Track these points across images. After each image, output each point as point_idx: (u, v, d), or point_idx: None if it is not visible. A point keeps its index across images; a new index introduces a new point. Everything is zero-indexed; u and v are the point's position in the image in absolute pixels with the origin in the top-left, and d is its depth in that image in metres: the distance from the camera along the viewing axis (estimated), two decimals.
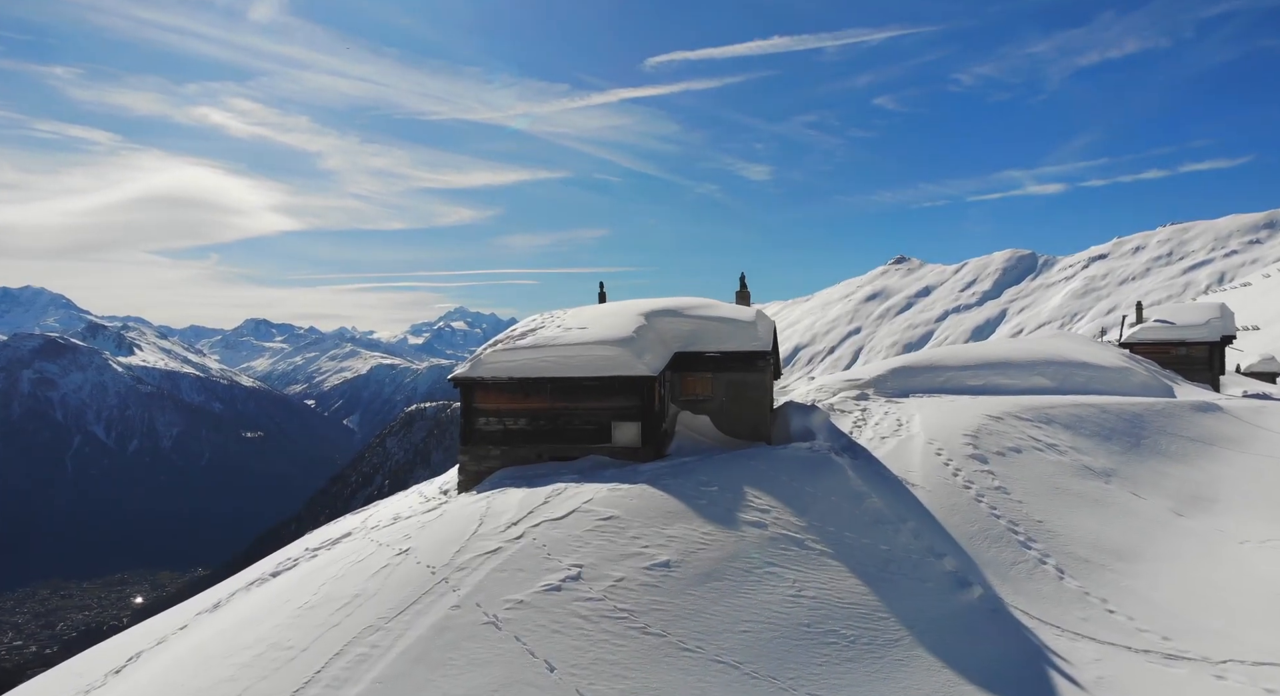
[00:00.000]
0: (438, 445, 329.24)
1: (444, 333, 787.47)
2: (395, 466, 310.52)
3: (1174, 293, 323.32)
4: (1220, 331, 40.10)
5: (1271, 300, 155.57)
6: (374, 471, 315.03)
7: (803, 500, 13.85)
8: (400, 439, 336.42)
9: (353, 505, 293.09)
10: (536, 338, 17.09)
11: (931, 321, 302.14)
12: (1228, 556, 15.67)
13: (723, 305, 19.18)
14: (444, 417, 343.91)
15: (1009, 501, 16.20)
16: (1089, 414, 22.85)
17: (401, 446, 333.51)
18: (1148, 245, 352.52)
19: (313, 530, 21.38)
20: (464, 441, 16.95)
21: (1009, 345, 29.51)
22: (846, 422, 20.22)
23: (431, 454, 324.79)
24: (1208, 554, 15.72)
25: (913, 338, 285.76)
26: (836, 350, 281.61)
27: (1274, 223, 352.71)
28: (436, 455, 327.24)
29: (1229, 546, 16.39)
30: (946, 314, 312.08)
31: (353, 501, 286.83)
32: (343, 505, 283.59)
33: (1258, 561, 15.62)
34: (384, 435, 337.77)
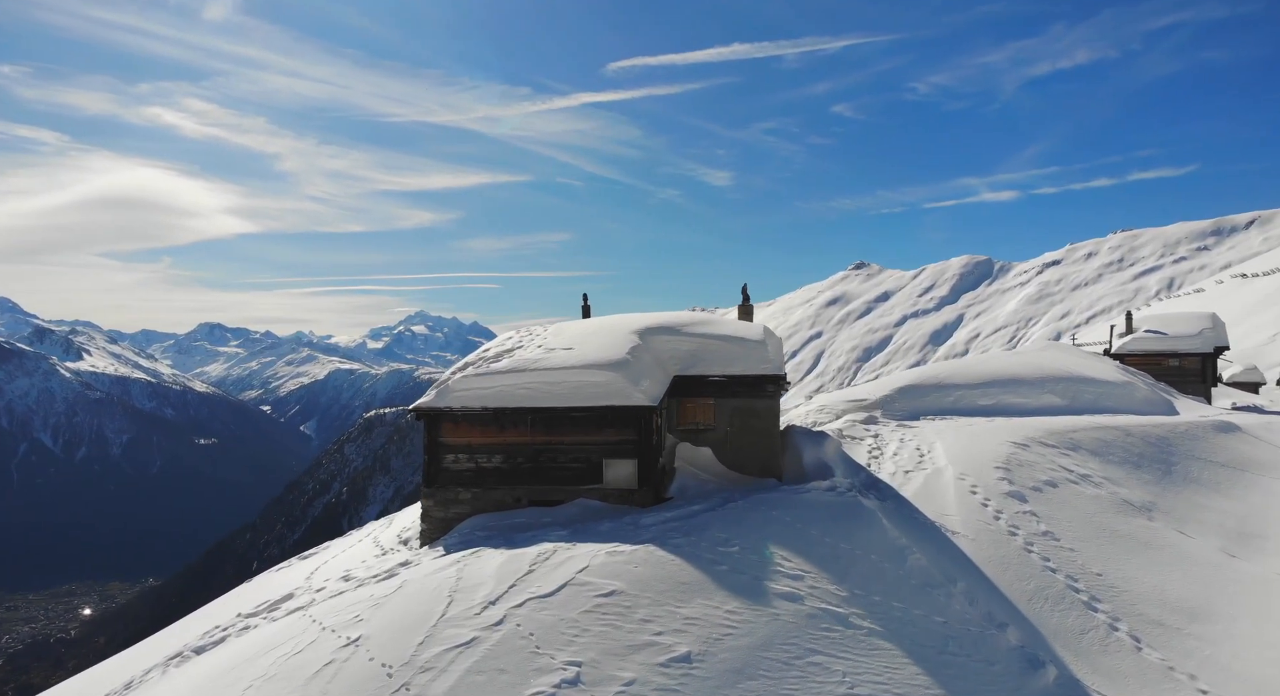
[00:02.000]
0: (397, 451, 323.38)
1: (404, 337, 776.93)
2: (354, 473, 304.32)
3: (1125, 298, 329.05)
4: (1213, 342, 38.84)
5: (1226, 306, 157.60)
6: (332, 478, 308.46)
7: (839, 560, 11.61)
8: (359, 445, 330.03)
9: (310, 513, 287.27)
10: (515, 360, 14.65)
11: (890, 326, 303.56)
12: None
13: (725, 321, 16.90)
14: (404, 424, 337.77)
15: (1060, 549, 14.15)
16: (1114, 438, 20.99)
17: (360, 453, 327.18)
18: (1099, 251, 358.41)
19: (254, 576, 18.72)
20: (428, 483, 14.46)
21: (1014, 361, 27.66)
22: (861, 452, 18.07)
23: (391, 460, 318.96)
24: (1270, 606, 13.83)
25: (872, 342, 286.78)
26: (798, 354, 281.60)
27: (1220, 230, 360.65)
28: (396, 462, 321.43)
29: None
30: (905, 318, 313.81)
31: (310, 509, 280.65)
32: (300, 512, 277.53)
33: None
34: (342, 441, 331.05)
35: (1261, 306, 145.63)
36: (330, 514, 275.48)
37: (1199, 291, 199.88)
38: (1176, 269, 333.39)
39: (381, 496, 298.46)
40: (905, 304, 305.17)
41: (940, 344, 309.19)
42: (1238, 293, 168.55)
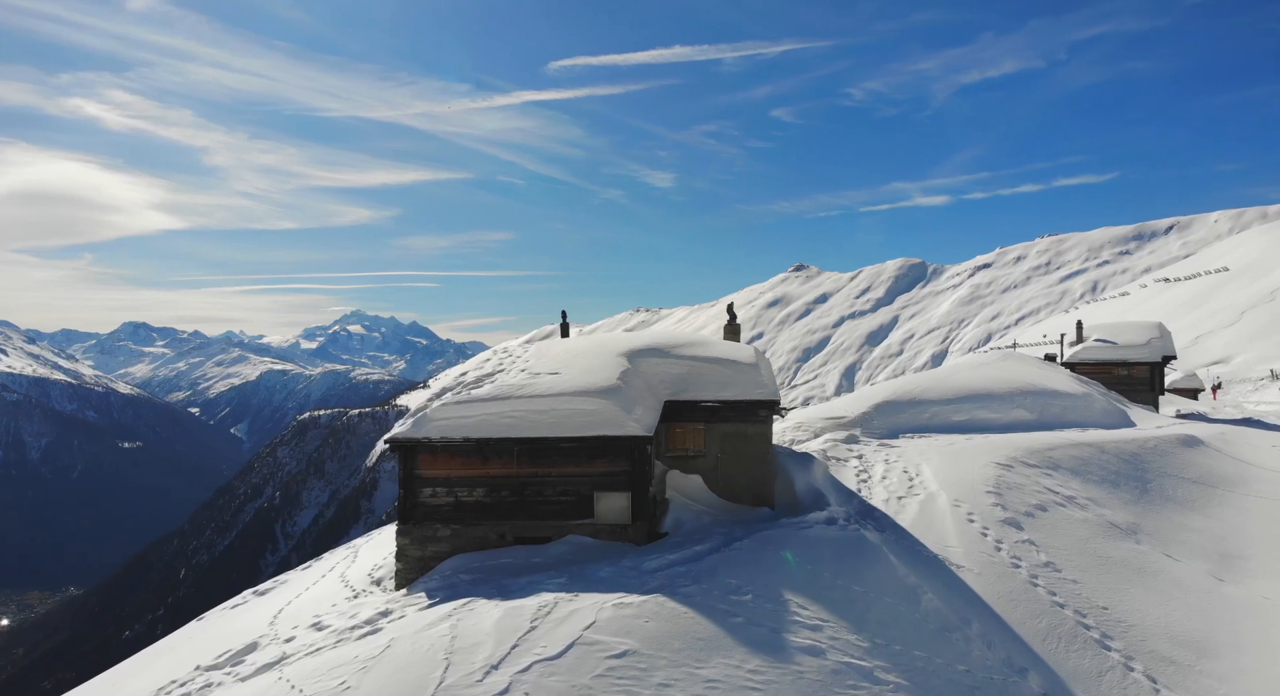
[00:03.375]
0: (332, 455, 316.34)
1: (339, 336, 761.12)
2: (287, 477, 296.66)
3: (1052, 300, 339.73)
4: (1160, 352, 39.60)
5: (1149, 310, 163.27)
6: (264, 483, 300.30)
7: (855, 605, 10.99)
8: (293, 448, 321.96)
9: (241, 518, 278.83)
10: (498, 386, 13.72)
11: (829, 327, 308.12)
12: None
13: (714, 342, 16.19)
14: (339, 425, 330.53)
15: (1063, 581, 13.80)
16: (1090, 455, 20.91)
17: (294, 456, 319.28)
18: (1028, 255, 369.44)
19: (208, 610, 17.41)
20: (404, 519, 13.45)
21: (982, 374, 27.59)
22: (848, 475, 17.56)
23: (325, 463, 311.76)
24: (1273, 636, 13.69)
25: (811, 342, 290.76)
26: None
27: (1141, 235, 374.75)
28: (331, 465, 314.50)
29: None
30: (843, 319, 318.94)
31: (241, 514, 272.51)
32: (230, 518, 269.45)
33: None
34: (275, 444, 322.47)
35: (1183, 310, 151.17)
36: (262, 519, 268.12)
37: (1124, 295, 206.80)
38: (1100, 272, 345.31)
39: (316, 500, 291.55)
40: (843, 305, 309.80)
41: (876, 344, 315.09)
42: (1160, 296, 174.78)
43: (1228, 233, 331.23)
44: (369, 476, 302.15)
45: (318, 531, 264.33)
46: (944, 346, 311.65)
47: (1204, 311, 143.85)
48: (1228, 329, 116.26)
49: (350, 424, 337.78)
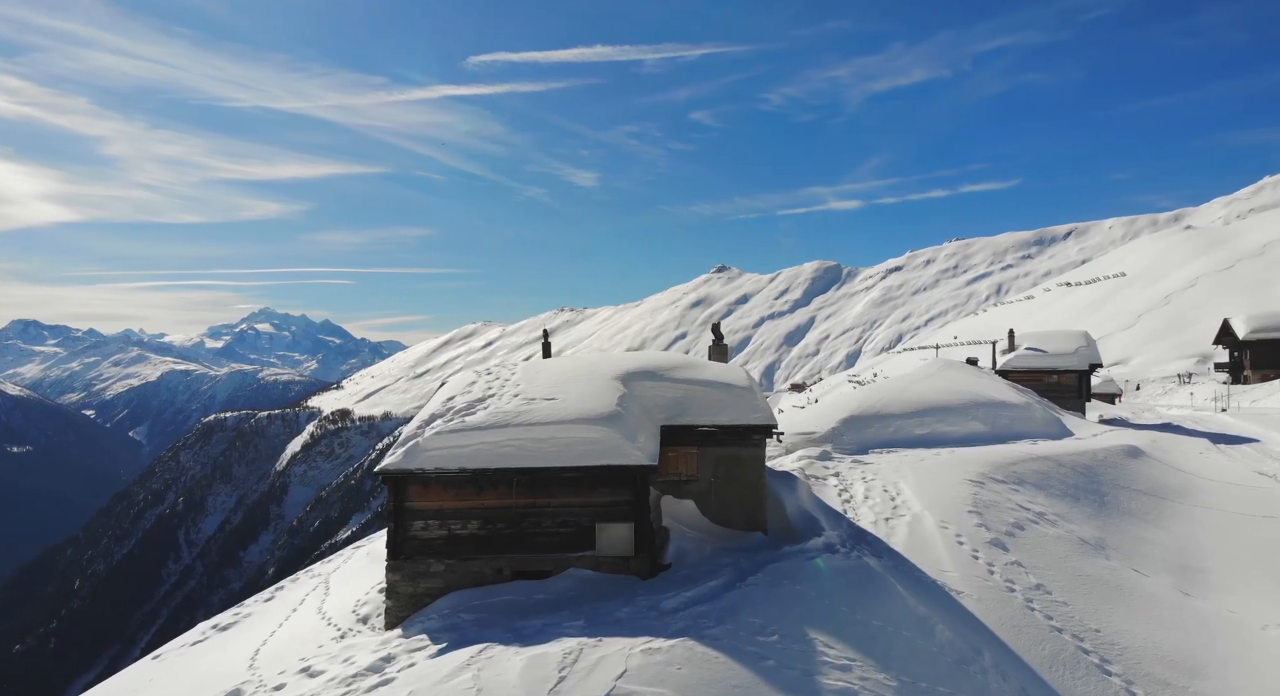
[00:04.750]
0: (240, 458, 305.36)
1: (246, 335, 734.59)
2: (191, 482, 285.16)
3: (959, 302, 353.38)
4: (1087, 360, 41.20)
5: (1052, 313, 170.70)
6: (166, 488, 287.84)
7: (876, 642, 10.85)
8: (197, 452, 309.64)
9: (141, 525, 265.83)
10: (492, 413, 13.14)
11: (750, 327, 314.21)
12: (1275, 654, 14.17)
13: (707, 364, 15.91)
14: (247, 428, 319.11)
15: (1055, 604, 14.00)
16: (1049, 469, 21.46)
17: (198, 460, 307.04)
18: (937, 259, 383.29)
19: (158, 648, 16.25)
20: (394, 554, 12.75)
21: (934, 386, 28.12)
22: (831, 494, 17.54)
23: (233, 467, 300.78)
24: (1254, 652, 14.18)
25: (733, 343, 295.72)
26: None
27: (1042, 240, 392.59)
28: (239, 469, 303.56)
29: (1258, 636, 14.98)
30: (763, 320, 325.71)
31: (141, 521, 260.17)
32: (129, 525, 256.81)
33: None
34: (178, 448, 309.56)
35: (1084, 313, 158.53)
36: (164, 526, 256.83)
37: (1028, 298, 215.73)
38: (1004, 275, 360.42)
39: (223, 506, 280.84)
40: (763, 306, 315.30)
41: (794, 344, 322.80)
42: (1063, 300, 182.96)
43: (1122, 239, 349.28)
44: (279, 480, 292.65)
45: (224, 538, 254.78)
46: (858, 347, 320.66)
47: (1103, 314, 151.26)
48: (1126, 331, 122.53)
49: (259, 426, 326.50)
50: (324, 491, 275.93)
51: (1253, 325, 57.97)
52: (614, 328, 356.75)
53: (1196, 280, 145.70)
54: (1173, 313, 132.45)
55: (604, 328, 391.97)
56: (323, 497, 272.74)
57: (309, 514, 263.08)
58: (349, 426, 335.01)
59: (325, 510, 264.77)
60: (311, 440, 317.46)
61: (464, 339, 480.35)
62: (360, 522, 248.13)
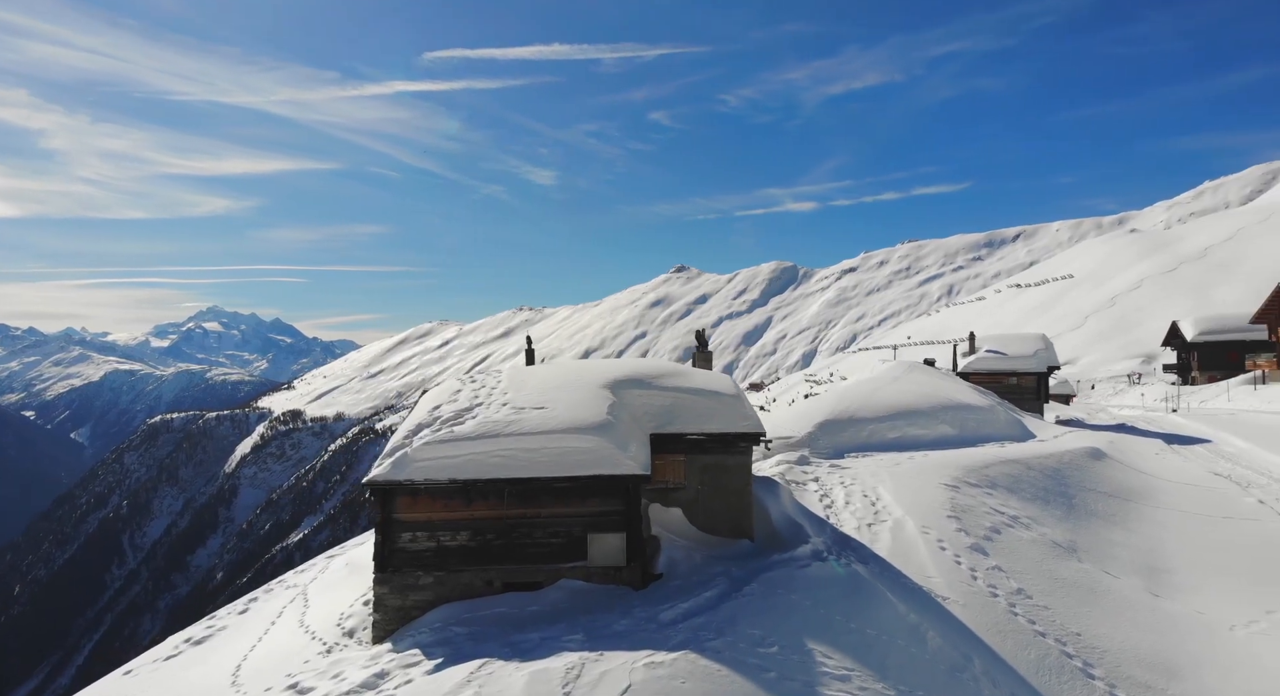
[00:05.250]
0: (187, 460, 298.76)
1: (194, 334, 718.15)
2: (136, 485, 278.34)
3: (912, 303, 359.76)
4: (1046, 362, 42.11)
5: (1003, 314, 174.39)
6: (109, 491, 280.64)
7: (872, 650, 10.93)
8: (142, 454, 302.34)
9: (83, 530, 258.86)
10: (481, 423, 12.97)
11: (709, 327, 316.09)
12: (1243, 654, 14.58)
13: (694, 372, 15.90)
14: (194, 429, 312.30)
15: (1037, 608, 14.25)
16: (1018, 472, 21.88)
17: (143, 462, 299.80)
18: (890, 260, 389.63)
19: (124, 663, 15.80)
20: (381, 567, 12.52)
21: (902, 390, 28.50)
22: (812, 499, 17.66)
23: (179, 470, 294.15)
24: (1225, 653, 14.58)
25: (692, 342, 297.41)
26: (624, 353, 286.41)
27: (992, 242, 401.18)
28: (185, 471, 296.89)
29: (1226, 637, 15.41)
30: (722, 320, 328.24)
31: (83, 525, 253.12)
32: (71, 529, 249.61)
33: (1264, 653, 14.66)
34: (121, 450, 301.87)
35: (1034, 315, 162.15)
36: (107, 530, 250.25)
37: (979, 300, 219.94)
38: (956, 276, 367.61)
39: (169, 509, 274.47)
40: (721, 306, 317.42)
41: (752, 344, 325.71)
42: (1013, 301, 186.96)
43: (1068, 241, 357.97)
44: (228, 483, 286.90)
45: (170, 542, 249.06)
46: (814, 346, 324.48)
47: (1052, 316, 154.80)
48: (1074, 332, 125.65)
49: (207, 427, 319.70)
50: (275, 494, 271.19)
51: (1200, 328, 59.77)
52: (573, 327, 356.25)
53: (1141, 282, 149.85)
54: (1118, 314, 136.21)
55: (563, 327, 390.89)
56: (274, 500, 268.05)
57: (259, 517, 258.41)
58: (301, 427, 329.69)
59: (276, 513, 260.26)
60: (262, 441, 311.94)
61: (420, 338, 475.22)
62: (312, 525, 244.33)
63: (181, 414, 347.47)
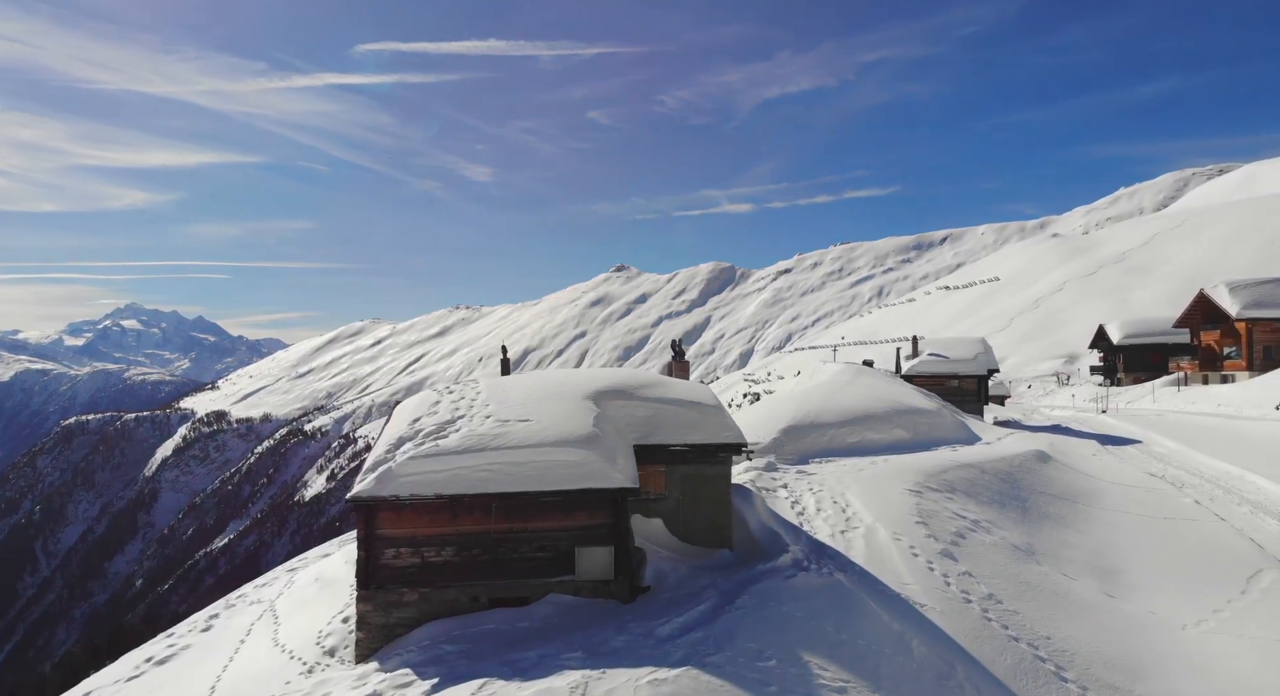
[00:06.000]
0: (104, 464, 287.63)
1: (111, 333, 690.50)
2: (49, 489, 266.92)
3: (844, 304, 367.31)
4: (986, 365, 43.35)
5: (933, 315, 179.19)
6: (21, 496, 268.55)
7: (864, 661, 11.09)
8: (55, 457, 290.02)
9: None
10: (466, 436, 12.76)
11: (648, 326, 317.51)
12: (1199, 654, 15.22)
13: (673, 382, 15.90)
14: (111, 431, 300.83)
15: (1007, 613, 14.64)
16: (974, 477, 22.48)
17: (57, 466, 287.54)
18: (823, 261, 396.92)
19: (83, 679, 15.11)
20: (364, 583, 12.23)
21: (857, 394, 29.03)
22: (784, 506, 17.85)
23: (96, 473, 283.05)
24: (1181, 653, 15.19)
25: (632, 341, 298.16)
26: (564, 353, 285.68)
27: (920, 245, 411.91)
28: (102, 475, 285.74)
29: (1180, 636, 16.06)
30: (661, 319, 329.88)
31: None
32: None
33: (1217, 652, 15.34)
34: (34, 453, 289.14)
35: (962, 316, 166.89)
36: (19, 537, 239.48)
37: (910, 301, 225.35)
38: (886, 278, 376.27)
39: (85, 515, 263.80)
40: (661, 306, 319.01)
41: (691, 344, 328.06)
42: (943, 303, 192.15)
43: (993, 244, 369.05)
44: (148, 487, 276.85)
45: (86, 549, 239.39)
46: (750, 346, 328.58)
47: (979, 317, 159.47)
48: (1000, 333, 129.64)
49: (125, 429, 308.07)
50: (198, 497, 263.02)
51: (1125, 331, 62.28)
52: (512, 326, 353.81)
53: (1063, 285, 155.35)
54: (1042, 315, 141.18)
55: (502, 326, 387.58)
56: (197, 504, 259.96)
57: (181, 522, 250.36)
58: (225, 429, 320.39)
59: (200, 517, 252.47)
60: (184, 443, 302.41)
61: (351, 337, 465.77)
62: (238, 530, 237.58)
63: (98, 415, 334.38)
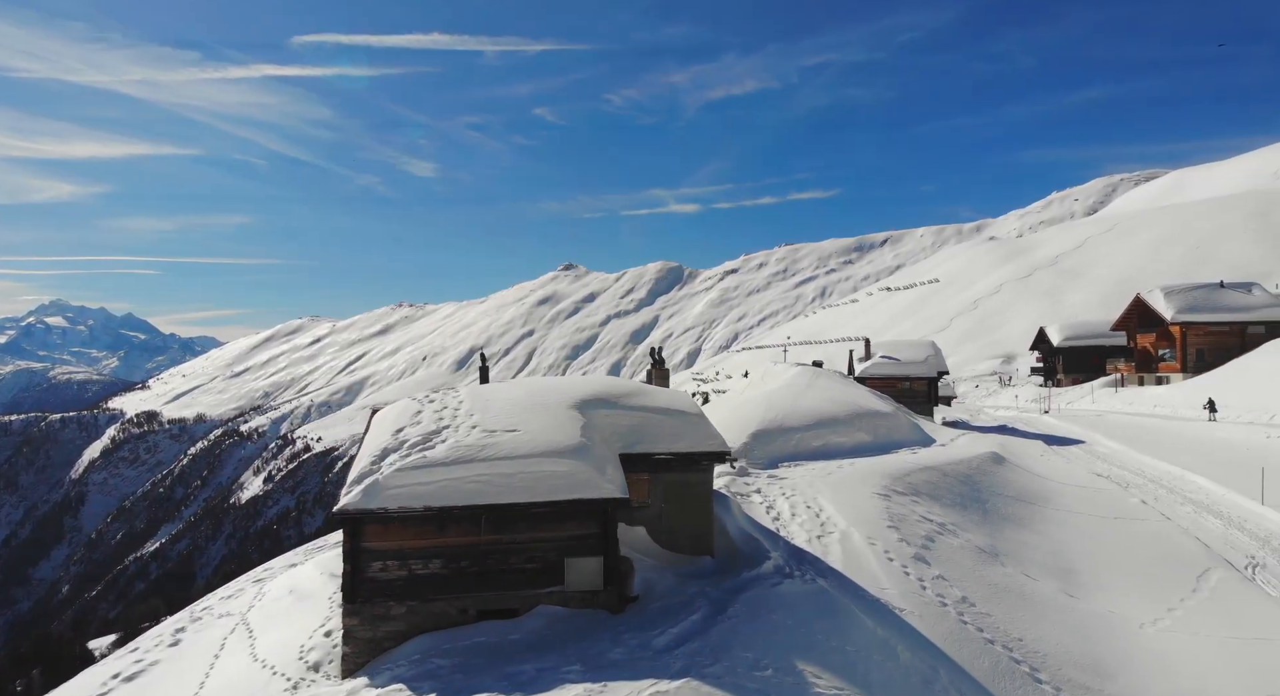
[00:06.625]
0: (27, 466, 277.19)
1: (34, 330, 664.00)
2: None
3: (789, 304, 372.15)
4: (936, 368, 44.34)
5: (876, 315, 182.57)
6: None
7: (855, 668, 11.29)
8: None
9: None
10: (453, 447, 12.62)
11: (597, 325, 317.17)
12: (1159, 652, 15.79)
13: (655, 391, 15.93)
14: (35, 432, 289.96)
15: (981, 615, 15.01)
16: (936, 479, 22.97)
17: None
18: (769, 262, 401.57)
19: None
20: (350, 597, 12.02)
21: (819, 397, 29.43)
22: (759, 512, 18.04)
23: (19, 476, 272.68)
24: (1143, 651, 15.74)
25: (580, 340, 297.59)
26: (511, 351, 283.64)
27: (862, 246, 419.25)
28: (26, 477, 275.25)
29: (1139, 635, 16.63)
30: (609, 318, 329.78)
31: None
32: None
33: (1177, 651, 15.93)
34: None
35: (903, 316, 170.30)
36: None
37: (854, 302, 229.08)
38: (829, 279, 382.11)
39: (8, 519, 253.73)
40: (609, 305, 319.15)
41: (640, 343, 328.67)
42: (885, 303, 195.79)
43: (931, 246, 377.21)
44: (74, 490, 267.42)
45: (9, 554, 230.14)
46: (698, 345, 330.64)
47: (919, 318, 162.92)
48: (940, 333, 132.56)
49: (50, 430, 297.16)
50: (128, 501, 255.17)
51: (1065, 334, 64.29)
52: (457, 324, 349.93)
53: (1000, 287, 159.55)
54: (981, 316, 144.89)
55: (447, 324, 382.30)
56: (127, 507, 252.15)
57: (110, 526, 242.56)
58: (157, 429, 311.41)
59: (129, 521, 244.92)
60: (113, 445, 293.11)
61: (289, 335, 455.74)
62: (170, 533, 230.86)
63: (21, 416, 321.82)
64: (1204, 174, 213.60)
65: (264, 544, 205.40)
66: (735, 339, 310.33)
